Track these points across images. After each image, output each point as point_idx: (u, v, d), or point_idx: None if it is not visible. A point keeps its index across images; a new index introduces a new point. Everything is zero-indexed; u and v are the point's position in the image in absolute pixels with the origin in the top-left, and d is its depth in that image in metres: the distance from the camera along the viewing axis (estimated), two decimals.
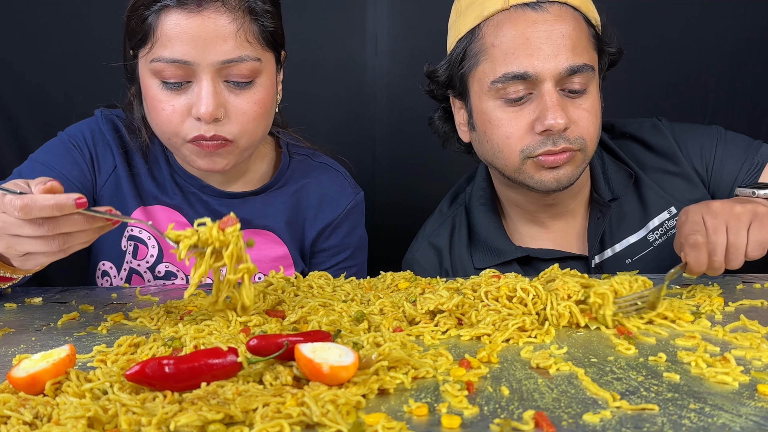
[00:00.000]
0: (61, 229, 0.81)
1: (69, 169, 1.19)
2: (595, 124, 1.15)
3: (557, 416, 0.57)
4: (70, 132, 1.25)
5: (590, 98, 1.14)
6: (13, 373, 0.63)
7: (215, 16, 1.05)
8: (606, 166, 1.27)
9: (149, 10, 1.06)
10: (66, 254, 0.85)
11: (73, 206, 0.80)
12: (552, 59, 1.09)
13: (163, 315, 0.91)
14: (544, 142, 1.11)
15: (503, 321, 0.81)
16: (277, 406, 0.56)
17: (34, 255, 0.85)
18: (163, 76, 1.07)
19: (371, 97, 1.86)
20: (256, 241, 1.25)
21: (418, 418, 0.57)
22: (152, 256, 1.23)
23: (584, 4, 1.15)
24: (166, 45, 1.05)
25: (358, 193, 1.35)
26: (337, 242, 1.32)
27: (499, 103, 1.14)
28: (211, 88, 1.07)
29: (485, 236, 1.27)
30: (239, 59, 1.07)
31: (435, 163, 1.79)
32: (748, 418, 0.56)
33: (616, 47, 1.21)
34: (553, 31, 1.10)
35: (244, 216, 1.25)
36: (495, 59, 1.12)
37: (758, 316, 0.85)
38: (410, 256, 1.34)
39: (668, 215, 1.23)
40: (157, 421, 0.54)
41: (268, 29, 1.11)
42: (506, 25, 1.12)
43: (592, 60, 1.14)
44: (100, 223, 0.85)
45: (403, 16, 1.83)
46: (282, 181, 1.29)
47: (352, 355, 0.62)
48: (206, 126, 1.08)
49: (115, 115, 1.27)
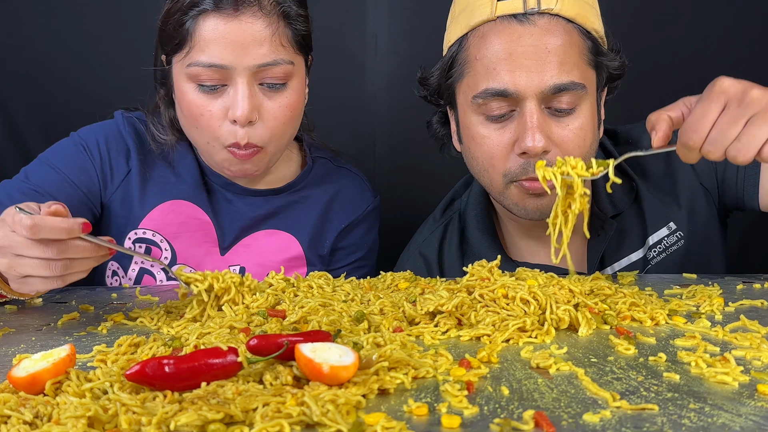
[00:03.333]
0: (68, 254, 0.82)
1: (77, 174, 1.19)
2: (582, 147, 1.07)
3: (557, 416, 0.57)
4: (83, 134, 1.24)
5: (580, 118, 1.06)
6: (14, 373, 0.63)
7: (252, 21, 1.07)
8: (607, 178, 1.22)
9: (187, 15, 1.08)
10: (63, 283, 0.86)
11: (80, 230, 0.81)
12: (535, 76, 1.02)
13: (163, 315, 0.91)
14: (525, 167, 1.05)
15: (503, 321, 0.81)
16: (277, 406, 0.56)
17: (32, 279, 0.85)
18: (200, 80, 1.09)
19: (371, 97, 1.86)
20: (270, 242, 1.27)
21: (418, 418, 0.57)
22: (165, 258, 1.24)
23: (581, 15, 1.06)
24: (204, 50, 1.07)
25: (376, 197, 1.38)
26: (354, 241, 1.34)
27: (481, 119, 1.08)
28: (247, 92, 1.09)
29: (479, 250, 1.22)
30: (274, 63, 1.09)
31: (435, 163, 1.79)
32: (748, 418, 0.56)
33: (620, 61, 1.12)
34: (539, 45, 1.03)
35: (264, 215, 1.28)
36: (477, 73, 1.06)
37: (758, 316, 0.85)
38: (401, 263, 1.33)
39: (667, 231, 1.19)
40: (157, 421, 0.54)
41: (301, 33, 1.14)
42: (491, 37, 1.05)
43: (584, 77, 1.06)
44: (104, 252, 0.86)
45: (403, 16, 1.83)
46: (304, 182, 1.31)
47: (352, 355, 0.62)
48: (241, 131, 1.10)
49: (136, 117, 1.27)
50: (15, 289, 0.90)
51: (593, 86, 1.09)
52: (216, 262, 1.26)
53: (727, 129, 0.80)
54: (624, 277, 1.09)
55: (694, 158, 0.85)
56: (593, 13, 1.09)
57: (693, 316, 0.87)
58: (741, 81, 0.81)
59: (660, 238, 1.19)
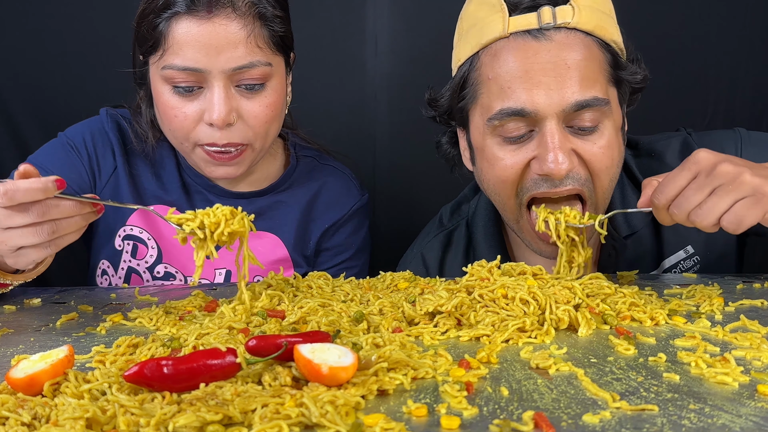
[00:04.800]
0: (49, 215, 0.81)
1: (66, 173, 1.19)
2: (611, 167, 1.02)
3: (557, 417, 0.57)
4: (70, 133, 1.25)
5: (605, 135, 1.01)
6: (12, 374, 0.63)
7: (226, 23, 1.05)
8: (626, 195, 1.16)
9: (160, 17, 1.06)
10: (57, 248, 0.85)
11: (54, 187, 0.80)
12: (555, 94, 0.97)
13: (162, 315, 0.91)
14: (539, 182, 1.01)
15: (502, 322, 0.81)
16: (276, 407, 0.56)
17: (25, 250, 0.84)
18: (175, 82, 1.08)
19: (371, 97, 1.86)
20: (256, 244, 1.25)
21: (417, 419, 0.57)
22: (152, 256, 1.23)
23: (599, 27, 1.00)
24: (178, 52, 1.06)
25: (364, 195, 1.35)
26: (340, 242, 1.32)
27: (498, 141, 1.03)
28: (223, 94, 1.07)
29: (488, 259, 1.19)
30: (250, 65, 1.08)
31: (435, 164, 1.79)
32: (748, 418, 0.56)
33: (642, 74, 1.07)
34: (558, 61, 0.97)
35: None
36: (491, 93, 1.01)
37: (758, 316, 0.85)
38: (403, 262, 1.31)
39: (684, 255, 1.15)
40: (155, 422, 0.54)
41: (278, 34, 1.12)
42: (504, 54, 1.00)
43: (606, 91, 1.01)
44: (87, 209, 0.85)
45: (403, 16, 1.83)
46: (288, 182, 1.29)
47: (352, 355, 0.62)
48: (219, 133, 1.09)
49: (120, 114, 1.27)
50: (13, 265, 0.89)
51: (616, 101, 1.05)
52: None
53: (691, 195, 0.85)
54: (624, 277, 1.09)
55: (664, 218, 0.90)
56: (611, 23, 1.04)
57: (693, 316, 0.87)
58: (717, 154, 0.86)
59: (676, 261, 1.16)
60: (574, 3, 0.99)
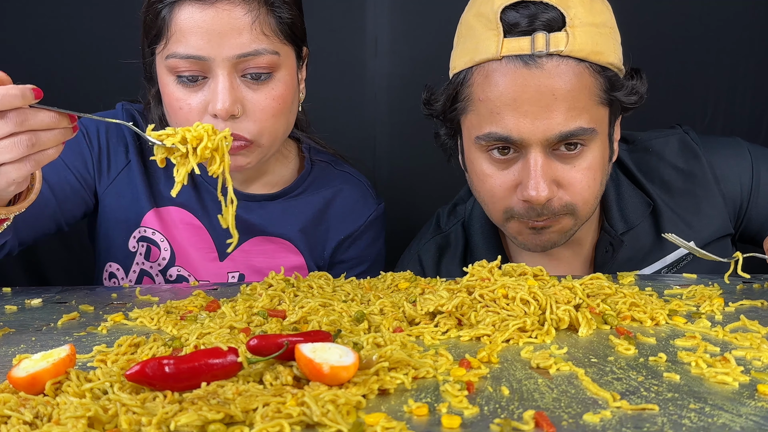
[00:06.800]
0: (28, 124, 0.77)
1: (71, 158, 1.17)
2: (592, 187, 1.04)
3: (557, 416, 0.57)
4: (85, 121, 1.21)
5: (588, 158, 1.02)
6: (13, 373, 0.63)
7: (229, 8, 1.02)
8: (621, 191, 1.16)
9: (162, 4, 1.04)
10: (37, 165, 0.80)
11: (32, 95, 0.77)
12: (540, 123, 0.97)
13: (163, 315, 0.91)
14: (528, 211, 1.03)
15: (503, 321, 0.81)
16: (278, 406, 0.56)
17: (3, 168, 0.78)
18: (179, 71, 1.05)
19: (371, 97, 1.86)
20: (270, 249, 1.23)
21: (418, 418, 0.57)
22: (164, 259, 1.21)
23: (594, 52, 0.99)
24: (180, 40, 1.03)
25: (380, 204, 1.31)
26: (357, 254, 1.29)
27: (485, 157, 1.05)
28: (227, 84, 1.04)
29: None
30: (255, 53, 1.04)
31: (435, 164, 1.79)
32: (748, 418, 0.56)
33: (638, 95, 1.06)
34: (545, 91, 0.97)
35: (260, 221, 1.23)
36: (481, 114, 1.02)
37: (758, 316, 0.85)
38: (401, 263, 1.30)
39: (684, 252, 1.14)
40: (157, 421, 0.54)
41: (286, 21, 1.08)
42: (496, 77, 1.00)
43: (595, 119, 1.01)
44: (65, 123, 0.81)
45: (403, 16, 1.83)
46: (302, 187, 1.26)
47: (353, 355, 0.62)
48: (223, 124, 1.05)
49: (136, 110, 1.24)
50: None
51: (604, 124, 1.04)
52: (214, 268, 1.23)
53: None
54: (624, 277, 1.09)
55: None
56: (610, 43, 1.01)
57: (693, 316, 0.87)
58: None
59: (678, 257, 1.15)
60: (569, 29, 0.98)
